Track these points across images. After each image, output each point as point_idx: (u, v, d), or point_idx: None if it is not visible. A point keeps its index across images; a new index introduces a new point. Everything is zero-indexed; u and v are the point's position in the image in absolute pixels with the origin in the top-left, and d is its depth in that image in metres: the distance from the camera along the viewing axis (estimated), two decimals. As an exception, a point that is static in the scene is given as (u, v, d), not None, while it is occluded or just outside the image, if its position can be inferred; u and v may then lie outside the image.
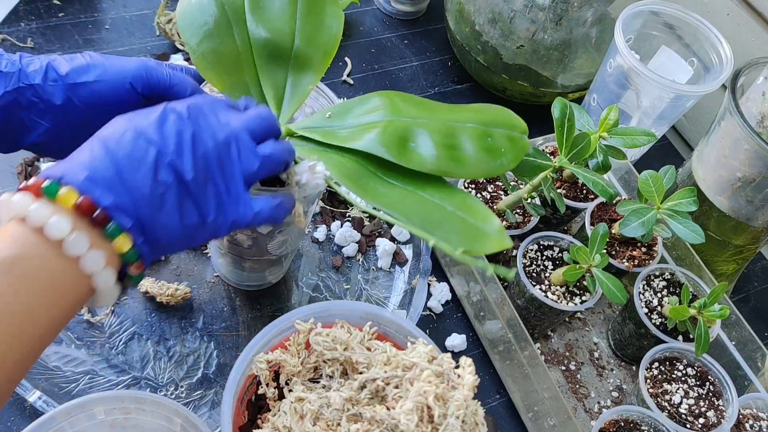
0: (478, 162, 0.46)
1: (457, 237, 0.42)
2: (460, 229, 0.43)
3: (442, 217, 0.43)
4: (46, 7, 0.85)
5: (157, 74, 0.48)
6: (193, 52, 0.49)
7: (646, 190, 0.63)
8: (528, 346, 0.63)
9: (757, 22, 0.81)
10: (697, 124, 0.95)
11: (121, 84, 0.46)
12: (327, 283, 0.70)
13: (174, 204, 0.39)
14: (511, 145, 0.48)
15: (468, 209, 0.44)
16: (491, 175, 0.49)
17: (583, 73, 0.85)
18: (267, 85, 0.50)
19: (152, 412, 0.49)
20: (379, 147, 0.44)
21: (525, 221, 0.70)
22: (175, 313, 0.65)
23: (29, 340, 0.34)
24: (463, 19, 0.85)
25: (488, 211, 0.44)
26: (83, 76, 0.45)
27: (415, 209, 0.43)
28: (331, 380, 0.49)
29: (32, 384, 0.57)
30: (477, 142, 0.47)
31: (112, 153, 0.37)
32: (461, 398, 0.43)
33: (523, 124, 0.50)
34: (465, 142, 0.46)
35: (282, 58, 0.51)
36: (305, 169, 0.45)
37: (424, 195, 0.45)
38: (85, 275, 0.36)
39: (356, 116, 0.48)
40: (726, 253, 0.76)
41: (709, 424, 0.62)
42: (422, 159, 0.45)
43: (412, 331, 0.51)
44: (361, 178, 0.45)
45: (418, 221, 0.42)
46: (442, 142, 0.46)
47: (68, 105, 0.45)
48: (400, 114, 0.47)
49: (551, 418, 0.61)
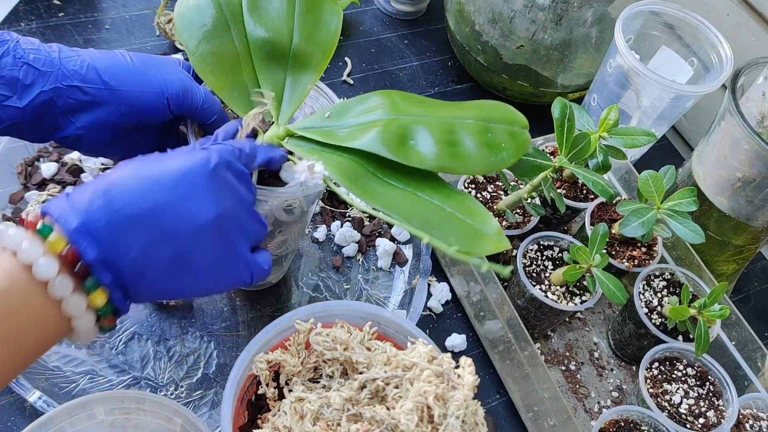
0: (479, 158, 0.46)
1: (455, 238, 0.42)
2: (459, 230, 0.43)
3: (441, 218, 0.43)
4: (46, 7, 0.85)
5: (193, 98, 0.48)
6: (191, 54, 0.49)
7: (646, 190, 0.63)
8: (528, 346, 0.63)
9: (757, 22, 0.81)
10: (697, 124, 0.95)
11: (159, 99, 0.46)
12: (327, 283, 0.70)
13: (165, 271, 0.38)
14: (511, 140, 0.48)
15: (467, 210, 0.44)
16: (492, 171, 0.49)
17: (583, 73, 0.85)
18: (266, 85, 0.50)
19: (152, 412, 0.49)
20: (379, 145, 0.44)
21: (525, 221, 0.70)
22: (175, 313, 0.65)
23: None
24: (463, 19, 0.85)
25: (487, 212, 0.44)
26: (125, 84, 0.45)
27: (414, 210, 0.43)
28: (331, 380, 0.49)
29: (32, 384, 0.57)
30: (477, 137, 0.47)
31: (111, 204, 0.37)
32: (461, 398, 0.43)
33: (524, 119, 0.49)
34: (465, 138, 0.46)
35: (281, 57, 0.51)
36: (304, 169, 0.45)
37: (423, 196, 0.45)
38: (66, 316, 0.37)
39: (355, 115, 0.48)
40: (726, 253, 0.76)
41: (709, 424, 0.62)
42: (422, 156, 0.45)
43: (412, 331, 0.51)
44: (360, 179, 0.45)
45: (417, 222, 0.42)
46: (442, 138, 0.46)
47: (103, 108, 0.45)
48: (399, 112, 0.47)
49: (551, 418, 0.61)
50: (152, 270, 0.38)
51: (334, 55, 0.91)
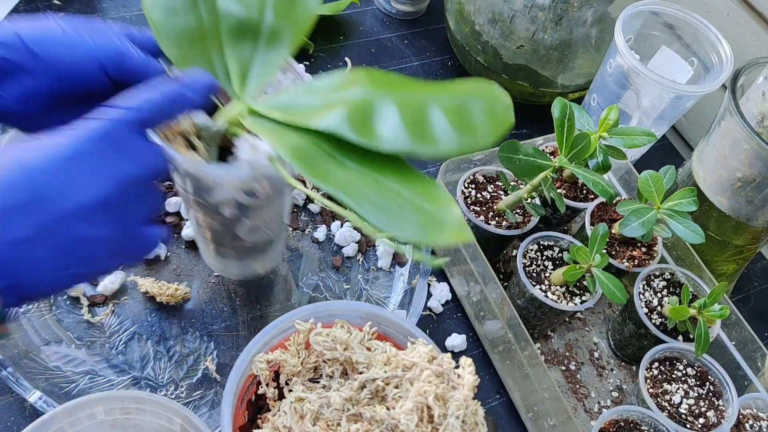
0: (450, 140, 0.42)
1: (411, 225, 0.39)
2: (416, 216, 0.40)
3: (397, 203, 0.40)
4: (46, 7, 0.85)
5: (129, 62, 0.44)
6: (156, 29, 0.46)
7: (646, 190, 0.63)
8: (528, 346, 0.63)
9: (757, 22, 0.81)
10: (697, 124, 0.95)
11: (92, 65, 0.42)
12: (327, 283, 0.70)
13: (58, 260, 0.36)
14: (490, 120, 0.43)
15: (428, 196, 0.41)
16: (465, 153, 0.46)
17: (583, 73, 0.85)
18: (232, 60, 0.47)
19: (152, 412, 0.49)
20: (340, 126, 0.41)
21: (525, 221, 0.70)
22: (175, 313, 0.65)
23: None
24: (463, 19, 0.85)
25: (449, 200, 0.41)
26: (51, 49, 0.41)
27: (367, 193, 0.40)
28: (331, 380, 0.49)
29: (32, 384, 0.57)
30: (450, 117, 0.43)
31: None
32: (461, 398, 0.43)
33: (507, 98, 0.45)
34: (436, 118, 0.42)
35: (252, 33, 0.48)
36: (247, 148, 0.43)
37: (382, 178, 0.41)
38: None
39: (322, 93, 0.45)
40: (726, 253, 0.76)
41: (709, 424, 0.62)
42: (386, 137, 0.41)
43: (412, 331, 0.51)
44: (314, 160, 0.41)
45: (370, 206, 0.39)
46: (410, 118, 0.42)
47: (30, 76, 0.41)
48: (368, 90, 0.44)
49: (551, 418, 0.61)
50: (43, 262, 0.36)
51: (335, 56, 0.92)
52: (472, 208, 0.69)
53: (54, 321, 0.62)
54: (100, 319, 0.63)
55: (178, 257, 0.68)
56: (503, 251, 0.76)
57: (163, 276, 0.66)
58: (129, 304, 0.64)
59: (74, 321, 0.62)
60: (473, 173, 0.71)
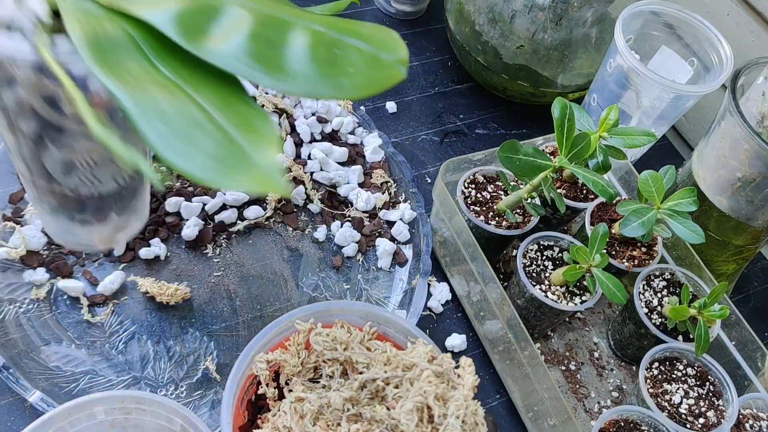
0: (305, 75, 0.34)
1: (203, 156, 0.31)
2: (216, 147, 0.32)
3: (199, 126, 0.32)
4: (46, 7, 0.85)
5: None
6: None
7: (646, 190, 0.63)
8: (528, 346, 0.63)
9: (757, 22, 0.81)
10: (697, 124, 0.95)
11: None
12: (327, 283, 0.70)
13: None
14: (368, 66, 0.35)
15: (248, 130, 0.33)
16: (323, 97, 0.38)
17: (583, 73, 0.85)
18: None
19: (152, 412, 0.49)
20: (168, 21, 0.33)
21: (525, 221, 0.70)
22: (175, 313, 0.65)
23: None
24: (463, 19, 0.85)
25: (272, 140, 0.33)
26: None
27: (163, 105, 0.32)
28: (331, 380, 0.49)
29: (32, 384, 0.57)
30: (315, 48, 0.35)
31: None
32: (461, 398, 0.43)
33: (402, 51, 0.36)
34: (295, 43, 0.34)
35: None
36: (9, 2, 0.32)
37: (195, 96, 0.33)
38: None
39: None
40: (726, 253, 0.76)
41: (709, 424, 0.62)
42: (220, 50, 0.33)
43: (412, 331, 0.51)
44: (116, 52, 0.33)
45: (156, 120, 0.31)
46: (260, 34, 0.34)
47: None
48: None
49: (551, 418, 0.61)
50: None
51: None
52: (472, 208, 0.69)
53: (54, 321, 0.62)
54: (100, 319, 0.63)
55: (178, 257, 0.68)
56: (503, 251, 0.76)
57: (163, 276, 0.66)
58: (129, 304, 0.64)
59: (74, 321, 0.62)
60: (473, 173, 0.71)
